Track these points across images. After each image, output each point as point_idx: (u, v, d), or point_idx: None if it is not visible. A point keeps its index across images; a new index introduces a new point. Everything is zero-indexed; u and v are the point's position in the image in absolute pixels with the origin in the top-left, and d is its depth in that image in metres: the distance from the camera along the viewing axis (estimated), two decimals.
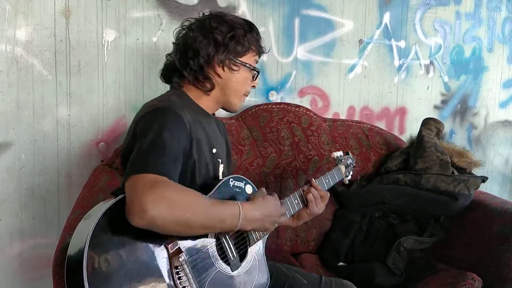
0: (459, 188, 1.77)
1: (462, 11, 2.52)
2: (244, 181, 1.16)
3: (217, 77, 1.17)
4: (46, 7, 1.67)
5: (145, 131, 1.00)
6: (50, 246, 1.69)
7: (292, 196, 1.27)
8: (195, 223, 0.92)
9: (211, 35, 1.15)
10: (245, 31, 1.18)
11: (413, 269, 1.68)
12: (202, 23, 1.17)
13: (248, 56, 1.20)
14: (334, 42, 2.21)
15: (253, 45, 1.20)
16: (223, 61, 1.16)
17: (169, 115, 1.03)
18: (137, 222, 0.87)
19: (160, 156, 0.95)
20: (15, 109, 1.68)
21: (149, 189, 0.87)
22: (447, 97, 2.57)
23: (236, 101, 1.22)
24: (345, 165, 1.48)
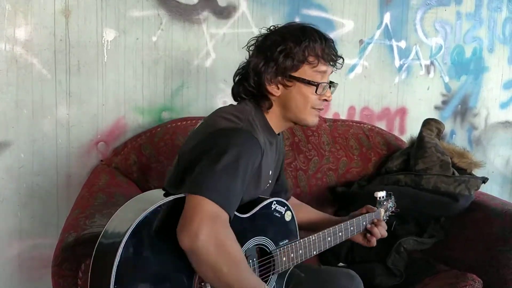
0: (460, 189, 1.76)
1: (462, 11, 2.51)
2: (286, 206, 1.14)
3: (272, 95, 1.11)
4: (45, 7, 1.67)
5: (221, 150, 0.96)
6: (49, 246, 1.69)
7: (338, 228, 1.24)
8: (224, 279, 0.90)
9: (263, 52, 1.10)
10: (295, 42, 1.08)
11: (413, 270, 1.68)
12: (260, 41, 1.14)
13: (305, 69, 1.10)
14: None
15: (309, 56, 1.09)
16: (274, 78, 1.09)
17: (249, 142, 1.00)
18: (184, 242, 0.87)
19: (231, 191, 0.93)
20: (14, 109, 1.68)
21: (210, 220, 0.87)
22: (447, 98, 2.56)
23: (304, 117, 1.13)
24: (385, 209, 1.42)
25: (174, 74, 1.90)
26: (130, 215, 0.90)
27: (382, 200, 1.41)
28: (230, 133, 1.00)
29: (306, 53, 1.09)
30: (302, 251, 1.15)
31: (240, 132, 1.01)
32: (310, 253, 1.17)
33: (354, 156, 2.03)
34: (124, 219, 0.91)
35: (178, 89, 1.92)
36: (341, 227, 1.25)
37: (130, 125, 1.85)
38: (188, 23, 1.89)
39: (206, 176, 0.93)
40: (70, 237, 1.14)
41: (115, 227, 0.91)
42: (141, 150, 1.73)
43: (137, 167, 1.71)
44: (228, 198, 0.92)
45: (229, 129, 1.01)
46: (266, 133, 1.12)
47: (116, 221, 0.93)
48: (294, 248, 1.13)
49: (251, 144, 1.00)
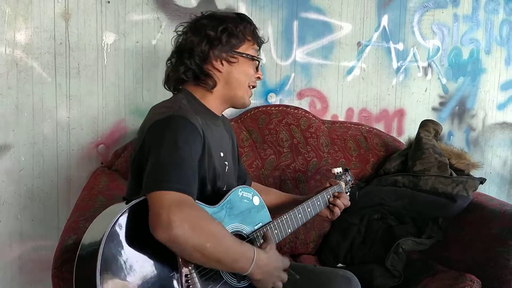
0: (458, 190, 1.77)
1: (460, 13, 2.53)
2: (251, 192, 1.17)
3: (217, 72, 1.16)
4: (45, 10, 1.68)
5: (159, 142, 0.98)
6: (50, 248, 1.70)
7: (306, 204, 1.29)
8: (211, 255, 0.92)
9: (204, 32, 1.15)
10: (237, 22, 1.17)
11: (412, 270, 1.68)
12: (194, 24, 1.19)
13: (246, 47, 1.18)
14: (333, 44, 2.22)
15: (248, 35, 1.19)
16: (220, 55, 1.15)
17: (183, 124, 1.02)
18: (161, 237, 0.88)
19: (182, 172, 0.95)
20: (15, 112, 1.69)
21: (177, 208, 0.89)
22: (445, 99, 2.57)
23: (242, 93, 1.19)
24: (344, 181, 1.49)
25: None
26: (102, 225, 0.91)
27: (340, 174, 1.48)
28: (162, 122, 1.02)
29: (245, 32, 1.18)
30: (277, 230, 1.18)
31: (171, 118, 1.02)
32: (285, 232, 1.21)
33: (352, 157, 2.04)
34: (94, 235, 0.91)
35: None
36: (308, 203, 1.30)
37: (130, 128, 1.86)
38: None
39: (155, 172, 0.95)
40: (70, 239, 1.14)
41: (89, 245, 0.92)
42: None
43: None
44: (182, 181, 0.94)
45: (161, 120, 1.03)
46: (204, 115, 1.14)
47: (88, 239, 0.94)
48: (269, 229, 1.17)
49: (184, 125, 1.02)
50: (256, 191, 1.19)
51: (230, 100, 1.20)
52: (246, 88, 1.20)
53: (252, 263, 0.97)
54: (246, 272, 0.98)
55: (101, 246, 0.85)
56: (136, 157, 1.07)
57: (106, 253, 0.86)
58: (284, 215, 1.22)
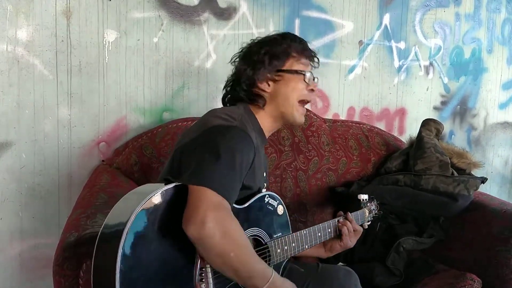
0: (459, 189, 1.77)
1: (461, 12, 2.52)
2: (278, 200, 1.19)
3: (264, 92, 1.20)
4: (47, 8, 1.68)
5: (218, 145, 1.00)
6: (51, 246, 1.70)
7: (327, 224, 1.30)
8: (231, 264, 0.93)
9: (249, 59, 1.22)
10: (278, 43, 1.21)
11: (413, 269, 1.68)
12: (243, 52, 1.26)
13: (290, 63, 1.21)
14: (334, 43, 2.22)
15: (291, 52, 1.21)
16: (264, 76, 1.19)
17: (243, 136, 1.06)
18: (191, 232, 0.90)
19: (232, 181, 0.99)
20: (16, 109, 1.68)
21: (214, 209, 0.91)
22: (446, 98, 2.57)
23: (290, 109, 1.21)
24: (369, 210, 1.49)
25: (175, 75, 1.91)
26: (131, 204, 0.91)
27: (365, 201, 1.48)
28: (225, 130, 1.05)
29: (289, 50, 1.22)
30: (295, 244, 1.19)
31: (235, 129, 1.06)
32: (302, 247, 1.22)
33: (353, 156, 2.04)
34: (126, 208, 0.92)
35: (179, 89, 1.93)
36: (329, 223, 1.31)
37: (131, 126, 1.86)
38: (189, 24, 1.90)
39: (206, 168, 0.97)
40: (71, 236, 1.14)
41: (117, 217, 0.93)
42: (142, 150, 1.73)
43: (138, 167, 1.72)
44: (228, 188, 0.97)
45: (223, 126, 1.06)
46: (257, 134, 1.17)
47: (117, 211, 0.95)
48: (287, 240, 1.17)
49: (245, 140, 1.06)
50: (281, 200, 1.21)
51: (281, 117, 1.23)
52: (294, 104, 1.21)
53: (267, 283, 0.98)
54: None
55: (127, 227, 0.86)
56: (180, 148, 1.10)
57: (132, 230, 0.87)
58: (304, 230, 1.24)
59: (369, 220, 1.50)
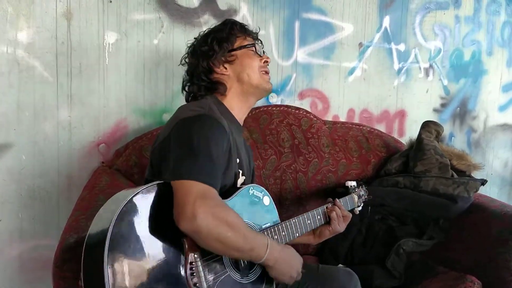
0: (459, 191, 1.77)
1: (461, 15, 2.53)
2: (263, 191, 1.20)
3: (225, 76, 1.24)
4: (47, 10, 1.68)
5: (189, 136, 1.03)
6: (50, 247, 1.70)
7: (315, 211, 1.31)
8: (232, 244, 0.96)
9: (198, 51, 1.26)
10: (221, 29, 1.27)
11: (412, 271, 1.68)
12: (190, 48, 1.31)
13: (238, 43, 1.26)
14: (334, 45, 2.22)
15: (237, 33, 1.26)
16: (219, 61, 1.24)
17: (212, 122, 1.08)
18: (185, 227, 0.92)
19: (211, 167, 1.00)
20: (16, 111, 1.69)
21: (201, 199, 0.93)
22: (446, 100, 2.57)
23: (257, 80, 1.25)
24: (357, 195, 1.51)
25: (175, 77, 1.91)
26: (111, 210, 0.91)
27: (354, 187, 1.51)
28: (194, 119, 1.07)
29: (233, 32, 1.26)
30: (285, 232, 1.20)
31: (204, 117, 1.09)
32: (293, 235, 1.23)
33: (353, 158, 2.04)
34: (107, 215, 0.92)
35: (179, 91, 1.91)
36: (318, 211, 1.33)
37: (131, 127, 1.86)
38: (189, 26, 1.91)
39: (183, 161, 0.99)
40: (71, 238, 1.14)
41: (98, 226, 0.92)
42: (142, 152, 1.74)
43: (138, 169, 1.72)
44: (210, 175, 0.99)
45: (192, 117, 1.09)
46: (230, 121, 1.19)
47: (98, 220, 0.95)
48: (277, 230, 1.19)
49: (215, 126, 1.08)
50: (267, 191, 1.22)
51: (250, 91, 1.26)
52: (258, 75, 1.26)
53: (267, 250, 1.02)
54: (262, 258, 1.02)
55: (109, 231, 0.86)
56: (156, 149, 1.13)
57: (114, 236, 0.87)
58: (293, 218, 1.25)
59: (358, 205, 1.51)
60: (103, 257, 0.85)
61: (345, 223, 1.35)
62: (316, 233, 1.34)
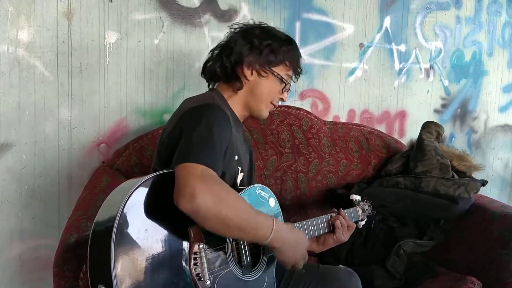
0: (459, 192, 1.77)
1: (462, 15, 2.53)
2: (269, 193, 1.19)
3: (245, 79, 1.22)
4: (48, 9, 1.68)
5: (194, 124, 1.04)
6: (50, 247, 1.70)
7: (319, 218, 1.31)
8: (233, 222, 0.95)
9: (250, 39, 1.22)
10: (283, 43, 1.23)
11: (413, 272, 1.68)
12: (246, 28, 1.26)
13: (280, 68, 1.24)
14: (335, 45, 2.22)
15: (288, 59, 1.24)
16: (253, 64, 1.21)
17: (217, 111, 1.08)
18: (184, 206, 0.91)
19: (211, 151, 1.00)
20: (17, 110, 1.69)
21: (200, 178, 0.92)
22: (447, 101, 2.57)
23: (262, 107, 1.25)
24: (362, 209, 1.50)
25: (175, 77, 1.91)
26: (118, 198, 0.92)
27: (358, 201, 1.50)
28: (199, 108, 1.09)
29: (287, 56, 1.24)
30: None
31: (208, 106, 1.10)
32: None
33: (354, 158, 2.04)
34: (114, 203, 0.92)
35: (180, 91, 1.93)
36: (322, 218, 1.32)
37: (131, 127, 1.86)
38: (189, 26, 1.91)
39: (187, 147, 1.00)
40: (71, 238, 1.14)
41: (106, 212, 0.93)
42: (142, 152, 1.73)
43: (138, 169, 1.72)
44: (211, 158, 0.98)
45: (197, 106, 1.10)
46: (231, 116, 1.18)
47: (106, 208, 0.95)
48: None
49: (219, 114, 1.08)
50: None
51: (250, 107, 1.26)
52: (267, 103, 1.26)
53: (272, 230, 1.01)
54: (267, 239, 1.01)
55: (117, 218, 0.87)
56: (165, 140, 1.13)
57: (121, 224, 0.88)
58: (297, 223, 1.24)
59: (362, 219, 1.51)
60: (110, 244, 0.85)
61: (349, 233, 1.34)
62: (320, 241, 1.33)
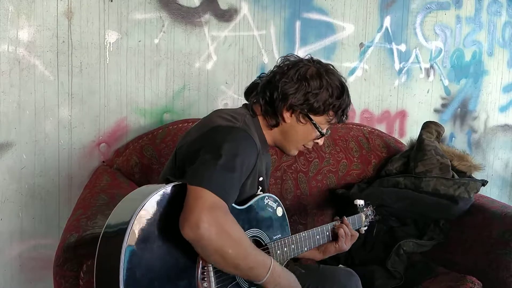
0: (459, 192, 1.77)
1: (462, 15, 2.53)
2: (277, 202, 1.20)
3: (282, 120, 1.18)
4: (48, 8, 1.68)
5: (220, 145, 1.01)
6: (50, 246, 1.70)
7: (325, 227, 1.30)
8: (231, 260, 0.94)
9: (299, 82, 1.15)
10: (331, 94, 1.17)
11: (413, 272, 1.68)
12: (300, 67, 1.17)
13: (321, 119, 1.19)
14: (335, 45, 2.22)
15: (333, 110, 1.19)
16: (294, 108, 1.15)
17: (247, 140, 1.05)
18: (186, 233, 0.90)
19: (229, 182, 0.98)
20: (17, 110, 1.69)
21: (209, 210, 0.91)
22: (447, 101, 2.57)
23: (293, 149, 1.23)
24: (365, 215, 1.50)
25: (175, 76, 1.91)
26: (133, 204, 0.92)
27: (362, 206, 1.49)
28: (227, 130, 1.06)
29: (332, 108, 1.18)
30: (294, 245, 1.20)
31: (237, 130, 1.06)
32: (301, 249, 1.22)
33: (354, 158, 2.04)
34: (128, 208, 0.92)
35: (180, 91, 1.93)
36: (327, 226, 1.32)
37: (132, 127, 1.86)
38: (189, 26, 1.91)
39: (205, 169, 0.97)
40: (72, 237, 1.14)
41: (119, 216, 0.93)
42: (142, 151, 1.73)
43: (138, 169, 1.72)
44: (226, 189, 0.97)
45: (226, 127, 1.06)
46: (260, 139, 1.16)
47: (119, 211, 0.95)
48: (287, 242, 1.18)
49: (247, 142, 1.05)
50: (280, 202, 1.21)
51: (281, 145, 1.24)
52: (298, 146, 1.23)
53: (268, 272, 0.99)
54: (262, 280, 0.99)
55: (130, 224, 0.87)
56: (184, 146, 1.11)
57: (133, 230, 0.87)
58: (302, 232, 1.24)
59: (365, 225, 1.50)
60: (121, 249, 0.85)
61: (351, 241, 1.33)
62: (321, 249, 1.32)
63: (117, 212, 0.95)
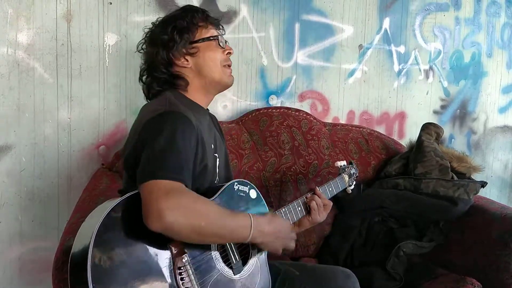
0: (459, 193, 1.77)
1: (461, 16, 2.53)
2: (248, 185, 1.17)
3: (185, 69, 1.18)
4: (48, 11, 1.68)
5: (154, 136, 1.00)
6: (50, 249, 1.70)
7: (296, 202, 1.28)
8: (208, 232, 0.94)
9: (158, 40, 1.17)
10: (182, 16, 1.18)
11: (413, 274, 1.68)
12: (148, 36, 1.21)
13: (200, 33, 1.19)
14: (334, 47, 2.22)
15: (199, 21, 1.19)
16: (180, 53, 1.16)
17: (177, 118, 1.04)
18: (155, 227, 0.89)
19: (175, 162, 0.97)
20: (16, 112, 1.69)
21: (165, 196, 0.90)
22: (446, 102, 2.58)
23: (218, 74, 1.20)
24: (348, 174, 1.49)
25: None
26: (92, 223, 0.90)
27: (344, 167, 1.48)
28: (156, 119, 1.04)
29: (194, 20, 1.19)
30: None
31: (165, 114, 1.05)
32: None
33: (353, 160, 2.04)
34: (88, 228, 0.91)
35: None
36: (298, 202, 1.30)
37: None
38: None
39: (149, 163, 0.96)
40: (71, 240, 1.13)
41: (80, 240, 0.91)
42: None
43: None
44: (176, 170, 0.95)
45: (154, 117, 1.05)
46: (193, 110, 1.14)
47: (81, 233, 0.94)
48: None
49: (178, 119, 1.04)
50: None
51: (211, 86, 1.21)
52: (220, 69, 1.20)
53: (251, 229, 1.00)
54: (247, 239, 1.01)
55: (89, 252, 0.85)
56: (129, 155, 1.08)
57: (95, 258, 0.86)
58: (282, 208, 1.24)
59: (350, 184, 1.49)
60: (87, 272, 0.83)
61: (325, 212, 1.32)
62: (295, 223, 1.30)
63: (79, 234, 0.93)
